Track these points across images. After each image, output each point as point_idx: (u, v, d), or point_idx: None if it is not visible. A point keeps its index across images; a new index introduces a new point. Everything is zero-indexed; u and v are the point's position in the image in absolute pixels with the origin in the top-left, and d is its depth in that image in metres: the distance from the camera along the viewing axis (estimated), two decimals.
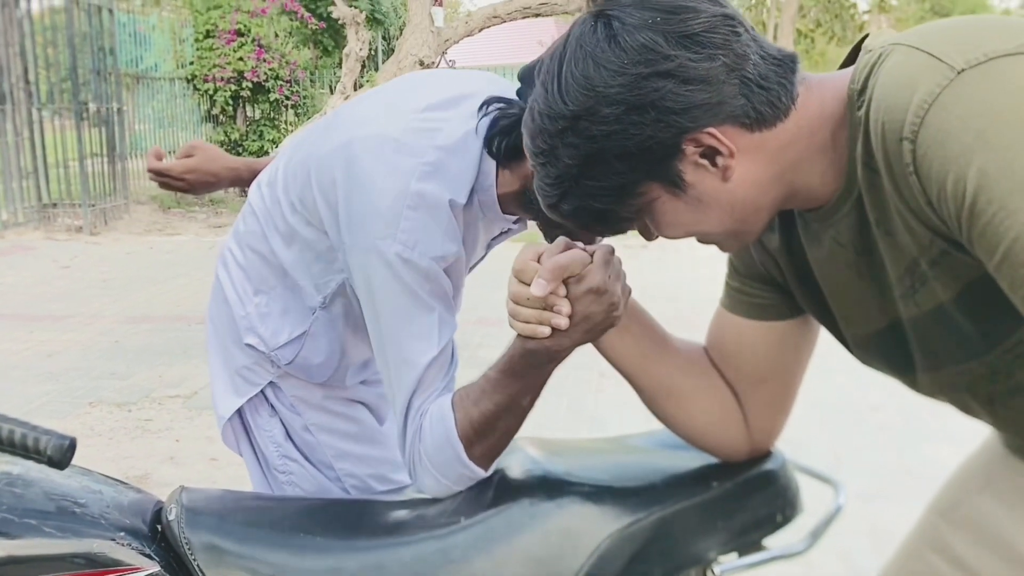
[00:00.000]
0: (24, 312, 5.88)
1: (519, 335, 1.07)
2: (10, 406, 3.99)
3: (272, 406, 1.45)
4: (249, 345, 1.40)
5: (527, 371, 1.10)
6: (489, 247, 1.43)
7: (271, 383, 1.43)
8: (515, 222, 1.35)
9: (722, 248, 0.96)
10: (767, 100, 0.83)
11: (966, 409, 0.97)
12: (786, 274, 1.04)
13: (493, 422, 1.13)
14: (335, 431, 1.48)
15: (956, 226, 0.74)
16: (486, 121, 1.22)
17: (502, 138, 1.20)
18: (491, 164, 1.24)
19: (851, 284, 0.94)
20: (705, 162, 0.84)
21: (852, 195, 0.86)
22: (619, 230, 0.94)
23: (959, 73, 0.72)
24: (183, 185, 1.72)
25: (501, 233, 1.40)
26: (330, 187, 1.22)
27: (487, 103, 1.23)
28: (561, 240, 1.04)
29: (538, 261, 1.01)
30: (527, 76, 1.23)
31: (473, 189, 1.23)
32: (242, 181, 1.73)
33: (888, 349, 0.96)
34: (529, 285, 1.01)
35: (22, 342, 5.10)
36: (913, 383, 0.98)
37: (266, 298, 1.39)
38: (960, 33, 0.76)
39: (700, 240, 0.93)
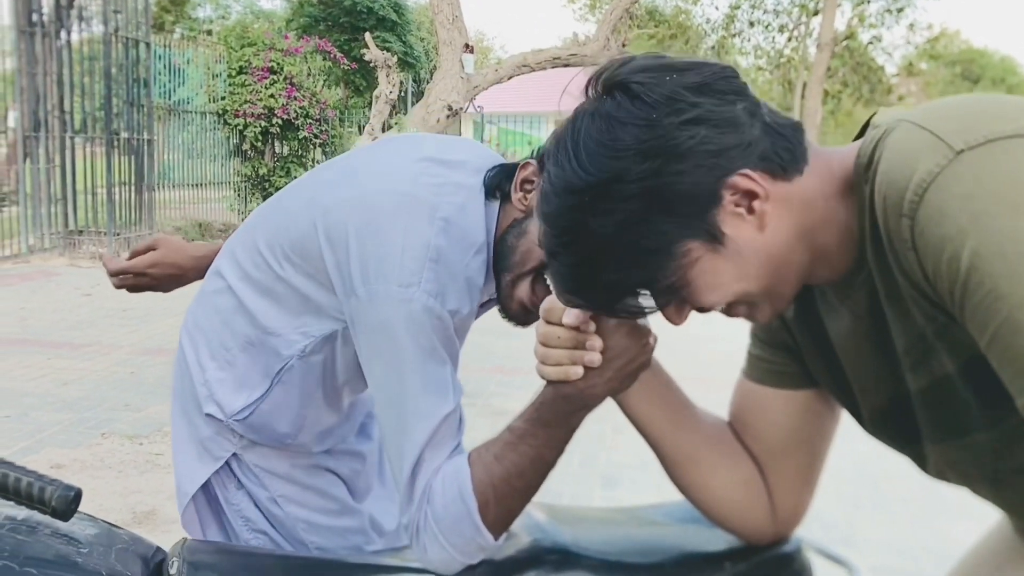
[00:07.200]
0: (43, 339, 5.93)
1: (549, 382, 1.04)
2: (22, 433, 4.01)
3: (238, 479, 1.40)
4: (209, 415, 1.35)
5: (557, 419, 1.06)
6: (479, 313, 1.36)
7: (235, 455, 1.38)
8: None
9: (754, 317, 0.92)
10: (787, 147, 0.84)
11: (974, 489, 0.95)
12: (801, 346, 1.04)
13: (515, 479, 1.08)
14: (304, 504, 1.42)
15: (951, 302, 0.76)
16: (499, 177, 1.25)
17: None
18: (494, 222, 1.25)
19: (868, 355, 0.94)
20: (742, 210, 0.82)
21: (864, 268, 0.87)
22: (650, 307, 0.90)
23: (958, 154, 0.73)
24: (147, 281, 1.64)
25: (490, 300, 1.35)
26: (341, 237, 1.18)
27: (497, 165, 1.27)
28: None
29: None
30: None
31: (486, 245, 1.23)
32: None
33: (897, 421, 0.95)
34: (558, 326, 0.99)
35: (39, 369, 5.13)
36: (922, 459, 0.96)
37: (222, 362, 1.34)
38: (963, 113, 0.77)
39: (732, 309, 0.90)
